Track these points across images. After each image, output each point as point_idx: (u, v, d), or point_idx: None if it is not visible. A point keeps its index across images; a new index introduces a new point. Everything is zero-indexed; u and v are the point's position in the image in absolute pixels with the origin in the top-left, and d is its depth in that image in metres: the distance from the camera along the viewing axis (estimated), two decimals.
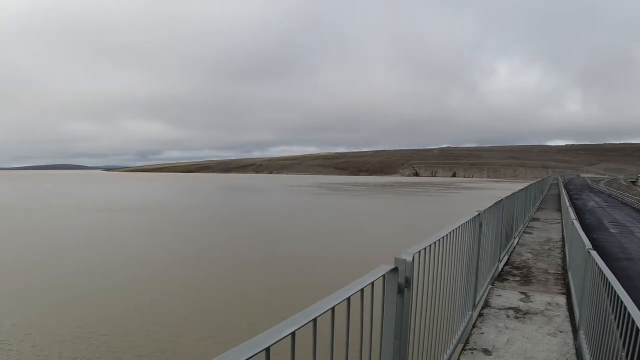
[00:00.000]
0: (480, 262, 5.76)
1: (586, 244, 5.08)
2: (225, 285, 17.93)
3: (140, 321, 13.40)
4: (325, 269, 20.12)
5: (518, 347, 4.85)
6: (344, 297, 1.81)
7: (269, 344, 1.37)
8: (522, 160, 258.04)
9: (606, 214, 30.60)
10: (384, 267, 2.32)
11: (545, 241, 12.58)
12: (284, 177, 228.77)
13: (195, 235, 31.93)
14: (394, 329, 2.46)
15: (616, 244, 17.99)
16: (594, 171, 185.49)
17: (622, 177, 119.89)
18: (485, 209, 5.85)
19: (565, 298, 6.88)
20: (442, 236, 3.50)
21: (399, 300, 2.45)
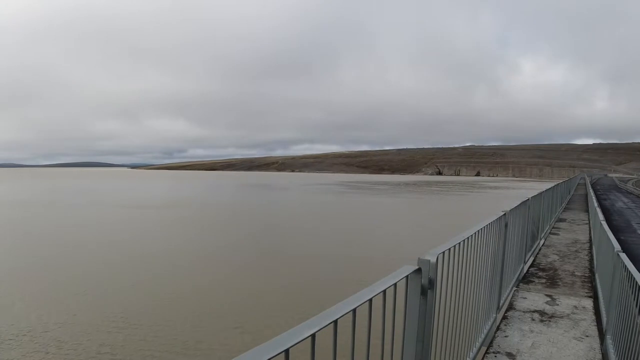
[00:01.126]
0: (505, 264, 5.67)
1: (615, 246, 4.95)
2: (248, 281, 18.10)
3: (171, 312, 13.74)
4: (349, 269, 20.10)
5: (543, 351, 4.76)
6: (365, 299, 1.80)
7: (288, 345, 1.36)
8: (549, 159, 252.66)
9: (635, 215, 29.71)
10: (407, 267, 2.30)
11: (572, 243, 12.30)
12: (306, 176, 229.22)
13: (222, 233, 32.31)
14: (417, 332, 2.43)
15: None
16: (623, 171, 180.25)
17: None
18: (511, 209, 5.76)
19: (592, 302, 6.72)
20: (467, 237, 3.45)
21: (422, 302, 2.43)
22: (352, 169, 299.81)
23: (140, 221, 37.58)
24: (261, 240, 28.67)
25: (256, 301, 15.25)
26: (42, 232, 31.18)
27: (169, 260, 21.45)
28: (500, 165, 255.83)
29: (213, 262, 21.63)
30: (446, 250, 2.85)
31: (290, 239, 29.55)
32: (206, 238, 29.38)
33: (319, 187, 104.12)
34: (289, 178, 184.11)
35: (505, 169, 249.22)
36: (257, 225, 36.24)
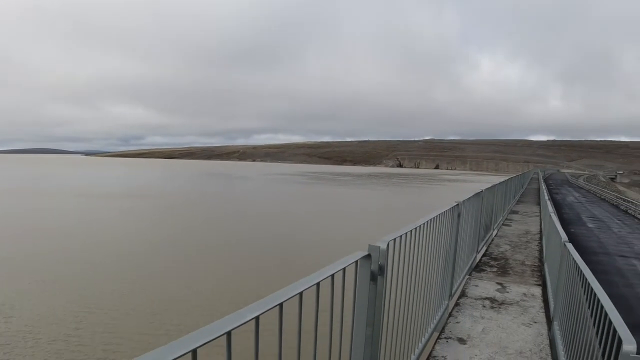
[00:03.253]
0: (458, 252, 5.78)
1: (562, 237, 5.13)
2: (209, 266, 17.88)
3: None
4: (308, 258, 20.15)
5: (493, 336, 4.89)
6: (312, 283, 1.76)
7: (229, 328, 1.31)
8: (505, 154, 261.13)
9: (585, 209, 31.18)
10: (356, 253, 2.28)
11: (524, 234, 12.74)
12: (268, 166, 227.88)
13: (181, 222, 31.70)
14: (366, 317, 2.42)
15: (594, 239, 18.34)
16: (575, 167, 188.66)
17: (602, 173, 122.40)
18: (464, 200, 5.86)
19: (540, 289, 6.97)
20: (419, 225, 3.47)
21: (372, 287, 2.42)
22: (315, 160, 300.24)
23: (84, 211, 36.23)
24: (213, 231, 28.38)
25: (190, 292, 15.16)
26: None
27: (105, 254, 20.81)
28: (459, 159, 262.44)
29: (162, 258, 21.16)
30: (397, 238, 2.84)
31: (250, 230, 29.34)
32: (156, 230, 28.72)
33: (282, 178, 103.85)
34: (251, 168, 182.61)
35: (463, 163, 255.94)
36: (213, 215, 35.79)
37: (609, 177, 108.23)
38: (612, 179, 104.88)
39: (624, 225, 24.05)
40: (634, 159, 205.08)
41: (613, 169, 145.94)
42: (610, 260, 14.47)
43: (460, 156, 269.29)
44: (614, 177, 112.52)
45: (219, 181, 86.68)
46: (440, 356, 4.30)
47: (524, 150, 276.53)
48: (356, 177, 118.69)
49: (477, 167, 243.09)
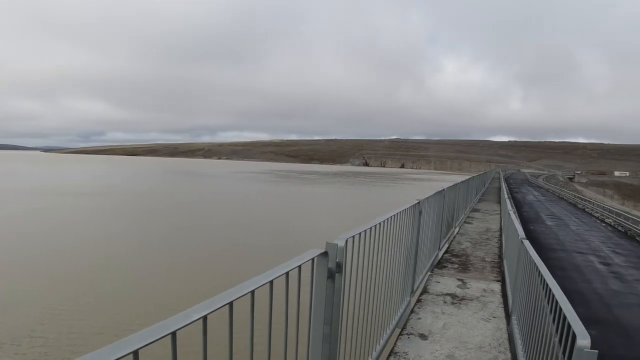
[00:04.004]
0: (419, 250, 5.83)
1: (520, 234, 5.24)
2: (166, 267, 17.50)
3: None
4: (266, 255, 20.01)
5: (453, 332, 4.96)
6: (265, 281, 1.70)
7: (174, 328, 1.25)
8: (468, 154, 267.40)
9: (544, 207, 32.27)
10: (313, 251, 2.23)
11: (485, 231, 13.03)
12: (234, 164, 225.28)
13: (149, 221, 30.94)
14: (324, 315, 2.38)
15: (552, 236, 18.98)
16: (535, 167, 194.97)
17: (560, 173, 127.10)
18: (425, 197, 5.91)
19: (500, 285, 7.13)
20: (379, 222, 3.46)
21: (330, 285, 2.38)
22: (282, 158, 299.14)
23: (66, 210, 34.98)
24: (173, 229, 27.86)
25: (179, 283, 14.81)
26: None
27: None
28: (424, 159, 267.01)
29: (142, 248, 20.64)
30: (356, 235, 2.82)
31: (216, 229, 28.95)
32: (118, 229, 27.95)
33: (248, 176, 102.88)
34: (217, 166, 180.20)
35: (427, 162, 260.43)
36: (182, 215, 35.12)
37: (568, 177, 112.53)
38: (571, 179, 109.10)
39: (581, 223, 25.02)
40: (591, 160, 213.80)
41: (571, 169, 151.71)
42: (568, 257, 15.00)
43: (425, 156, 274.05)
44: (572, 177, 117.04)
45: (184, 180, 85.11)
46: (402, 352, 4.32)
47: (486, 150, 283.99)
48: (323, 176, 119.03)
49: (441, 167, 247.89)
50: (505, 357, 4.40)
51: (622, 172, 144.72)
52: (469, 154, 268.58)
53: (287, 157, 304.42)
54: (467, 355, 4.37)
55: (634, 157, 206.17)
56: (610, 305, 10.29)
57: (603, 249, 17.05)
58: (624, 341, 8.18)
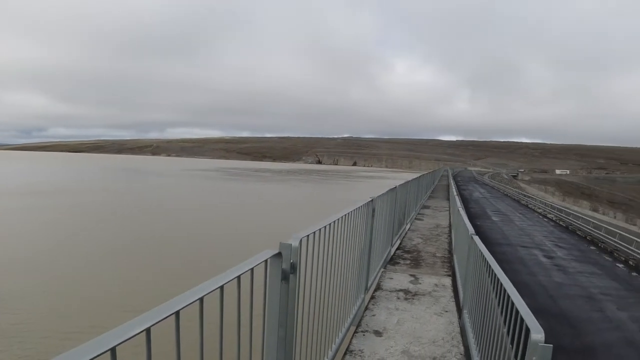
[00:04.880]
0: (373, 247, 5.85)
1: (469, 230, 5.36)
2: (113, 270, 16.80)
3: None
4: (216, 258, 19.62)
5: (407, 327, 5.00)
6: (215, 286, 1.59)
7: (113, 344, 1.13)
8: (418, 152, 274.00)
9: (490, 203, 33.54)
10: (266, 252, 2.14)
11: (435, 227, 13.33)
12: (183, 161, 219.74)
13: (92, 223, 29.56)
14: (279, 318, 2.29)
15: (498, 231, 19.74)
16: (481, 165, 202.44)
17: (505, 171, 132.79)
18: (378, 195, 5.94)
19: (450, 279, 7.29)
20: (333, 221, 3.41)
21: (284, 287, 2.29)
22: (233, 155, 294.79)
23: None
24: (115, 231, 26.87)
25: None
26: None
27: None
28: (375, 157, 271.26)
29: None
30: (310, 234, 2.76)
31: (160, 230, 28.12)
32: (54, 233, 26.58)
33: (199, 174, 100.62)
34: (166, 163, 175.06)
35: (379, 160, 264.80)
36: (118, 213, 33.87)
37: (512, 175, 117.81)
38: (514, 177, 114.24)
39: (525, 218, 26.19)
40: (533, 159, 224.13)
41: (515, 168, 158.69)
42: (513, 251, 15.62)
43: (377, 154, 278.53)
44: (515, 174, 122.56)
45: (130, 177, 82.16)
46: (358, 350, 4.31)
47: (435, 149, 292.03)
48: (276, 174, 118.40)
49: (392, 165, 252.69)
50: (458, 350, 4.47)
51: (562, 170, 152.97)
52: (419, 152, 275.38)
53: (238, 154, 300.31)
54: (421, 350, 4.41)
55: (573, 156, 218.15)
56: (555, 296, 10.80)
57: (546, 243, 17.90)
58: (568, 331, 8.59)
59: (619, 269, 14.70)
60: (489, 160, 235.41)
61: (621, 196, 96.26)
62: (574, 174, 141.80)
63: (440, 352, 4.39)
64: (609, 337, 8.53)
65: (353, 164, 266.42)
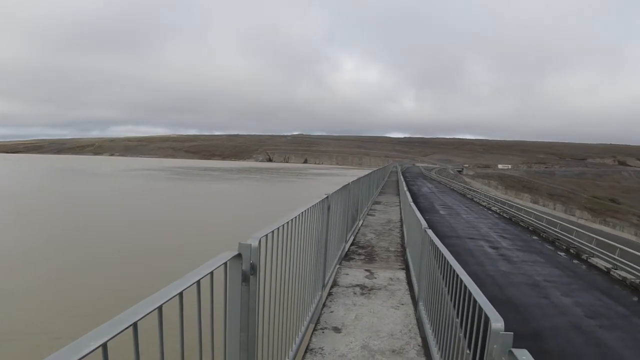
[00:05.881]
0: (329, 243, 5.85)
1: (423, 224, 5.45)
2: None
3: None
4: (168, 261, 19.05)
5: (366, 322, 5.03)
6: (174, 293, 1.50)
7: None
8: (367, 149, 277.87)
9: (437, 198, 34.54)
10: (225, 254, 2.05)
11: (387, 222, 13.56)
12: (128, 160, 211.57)
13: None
14: (240, 321, 2.21)
15: (446, 224, 20.34)
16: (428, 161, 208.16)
17: (451, 167, 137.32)
18: (333, 192, 5.95)
19: (404, 273, 7.43)
20: (291, 219, 3.37)
21: (244, 289, 2.21)
22: (181, 154, 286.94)
23: None
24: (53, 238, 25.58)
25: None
26: None
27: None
28: (326, 154, 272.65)
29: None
30: (269, 234, 2.70)
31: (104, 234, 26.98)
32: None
33: (144, 174, 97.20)
34: (109, 163, 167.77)
35: (330, 157, 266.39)
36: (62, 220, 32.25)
37: (457, 170, 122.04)
38: (460, 172, 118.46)
39: (471, 211, 27.16)
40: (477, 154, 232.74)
41: (460, 163, 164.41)
42: (461, 243, 16.14)
43: (327, 151, 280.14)
44: (461, 170, 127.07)
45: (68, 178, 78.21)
46: (318, 348, 4.28)
47: (384, 145, 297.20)
48: (227, 172, 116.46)
49: (342, 162, 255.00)
50: (416, 342, 4.55)
51: (504, 165, 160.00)
52: (368, 149, 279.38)
53: (186, 152, 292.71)
54: (381, 344, 4.45)
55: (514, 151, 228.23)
56: (502, 285, 11.26)
57: (492, 234, 18.64)
58: (515, 317, 8.97)
59: (561, 257, 15.54)
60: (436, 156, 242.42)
61: (560, 189, 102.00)
62: (516, 169, 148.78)
63: (399, 345, 4.45)
64: (555, 322, 8.99)
65: (304, 161, 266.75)
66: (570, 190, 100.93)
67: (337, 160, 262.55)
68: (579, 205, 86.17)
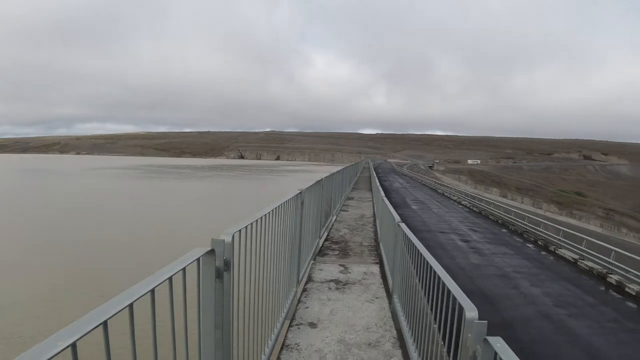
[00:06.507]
0: (303, 239, 5.83)
1: (396, 218, 5.49)
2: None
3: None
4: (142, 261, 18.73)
5: (341, 316, 5.04)
6: (146, 290, 1.45)
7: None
8: (340, 146, 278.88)
9: (409, 193, 34.94)
10: (198, 250, 2.00)
11: (360, 217, 13.63)
12: (96, 159, 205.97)
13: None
14: (214, 319, 2.16)
15: (417, 219, 20.58)
16: (399, 157, 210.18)
17: (422, 162, 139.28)
18: (306, 187, 5.93)
19: (378, 267, 7.48)
20: (264, 214, 3.33)
21: (218, 285, 2.17)
22: (150, 152, 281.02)
23: None
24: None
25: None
26: None
27: None
28: (298, 150, 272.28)
29: None
30: (243, 229, 2.66)
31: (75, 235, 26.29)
32: None
33: (112, 172, 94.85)
34: (75, 162, 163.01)
35: (302, 154, 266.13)
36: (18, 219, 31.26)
37: (428, 166, 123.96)
38: (431, 167, 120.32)
39: (442, 206, 27.57)
40: (448, 150, 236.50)
41: (431, 159, 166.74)
42: (432, 237, 16.36)
43: (300, 148, 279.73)
44: (431, 165, 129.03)
45: (31, 177, 75.70)
46: (294, 344, 4.26)
47: (356, 142, 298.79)
48: (198, 170, 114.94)
49: (315, 158, 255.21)
50: (392, 334, 4.58)
51: (474, 160, 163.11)
52: (341, 145, 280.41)
53: (156, 150, 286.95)
54: (357, 337, 4.46)
55: (483, 147, 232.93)
56: (473, 277, 11.47)
57: (462, 228, 18.97)
58: (486, 308, 9.15)
59: (530, 248, 15.94)
60: (407, 152, 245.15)
61: (528, 183, 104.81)
62: (485, 164, 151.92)
63: (374, 338, 4.48)
64: (525, 312, 9.22)
65: (276, 158, 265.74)
66: (537, 184, 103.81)
67: (310, 156, 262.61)
68: (546, 198, 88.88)
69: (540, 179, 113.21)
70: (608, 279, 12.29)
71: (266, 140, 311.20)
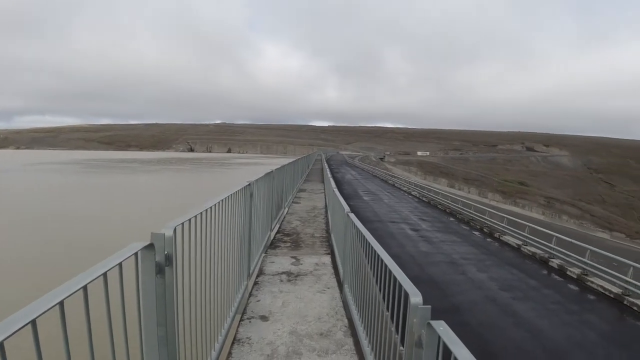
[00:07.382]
0: (253, 232, 5.77)
1: (345, 208, 5.53)
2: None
3: None
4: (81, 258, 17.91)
5: (293, 308, 5.04)
6: (78, 287, 1.37)
7: None
8: (292, 138, 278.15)
9: (361, 184, 35.41)
10: (135, 244, 1.92)
11: (312, 209, 13.67)
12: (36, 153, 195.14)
13: None
14: (157, 316, 2.09)
15: (369, 209, 20.91)
16: (351, 149, 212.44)
17: (373, 154, 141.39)
18: (255, 179, 5.87)
19: (330, 257, 7.53)
20: (210, 207, 3.25)
21: (159, 281, 2.09)
22: (94, 145, 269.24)
23: None
24: None
25: None
26: None
27: None
28: (250, 143, 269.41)
29: None
30: (186, 222, 2.58)
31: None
32: None
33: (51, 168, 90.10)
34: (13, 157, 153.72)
35: (254, 147, 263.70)
36: None
37: (379, 157, 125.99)
38: (381, 159, 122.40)
39: (392, 196, 28.14)
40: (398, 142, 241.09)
41: (382, 151, 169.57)
42: (383, 227, 16.68)
43: (251, 140, 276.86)
44: (382, 157, 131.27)
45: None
46: (245, 338, 4.22)
47: (308, 134, 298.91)
48: (145, 164, 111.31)
49: (267, 150, 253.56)
50: (343, 323, 4.63)
51: (423, 152, 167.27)
52: (293, 137, 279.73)
53: (100, 143, 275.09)
54: (308, 328, 4.47)
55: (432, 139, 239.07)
56: (422, 264, 11.80)
57: (412, 218, 19.45)
58: (436, 294, 9.44)
59: (476, 236, 16.58)
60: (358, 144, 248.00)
61: (474, 173, 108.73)
62: (433, 155, 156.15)
63: (326, 328, 4.51)
64: (472, 296, 9.60)
65: (227, 150, 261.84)
66: (483, 175, 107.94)
67: (262, 149, 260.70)
68: (492, 188, 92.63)
69: (486, 169, 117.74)
70: (550, 263, 12.99)
71: (216, 132, 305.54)
